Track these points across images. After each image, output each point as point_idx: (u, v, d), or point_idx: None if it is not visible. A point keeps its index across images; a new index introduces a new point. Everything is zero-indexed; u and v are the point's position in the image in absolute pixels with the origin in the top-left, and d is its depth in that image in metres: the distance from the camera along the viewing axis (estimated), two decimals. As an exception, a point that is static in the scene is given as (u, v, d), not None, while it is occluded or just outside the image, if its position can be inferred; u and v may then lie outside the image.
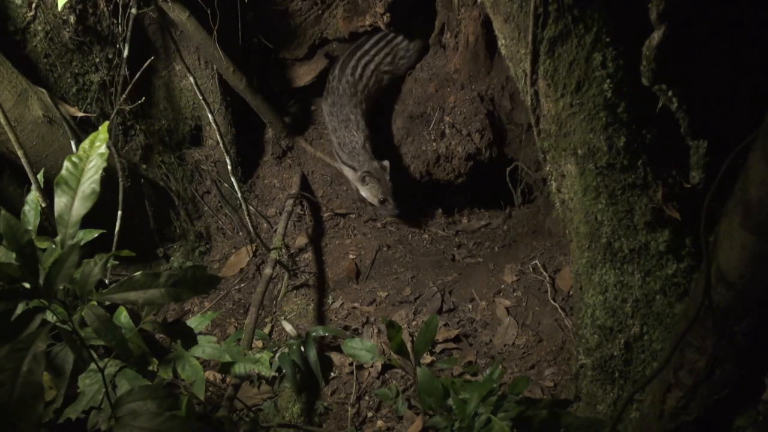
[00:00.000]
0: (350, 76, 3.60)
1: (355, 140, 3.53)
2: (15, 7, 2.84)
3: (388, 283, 3.30)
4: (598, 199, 1.92)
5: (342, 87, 3.60)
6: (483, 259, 3.42)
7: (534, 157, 3.14)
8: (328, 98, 3.65)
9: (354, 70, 3.61)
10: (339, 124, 3.55)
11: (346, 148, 3.53)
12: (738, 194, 1.27)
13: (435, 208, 3.77)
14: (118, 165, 2.90)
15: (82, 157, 1.68)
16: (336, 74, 3.65)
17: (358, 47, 3.68)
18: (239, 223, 3.59)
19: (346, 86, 3.60)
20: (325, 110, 3.68)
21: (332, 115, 3.60)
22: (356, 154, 3.51)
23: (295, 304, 3.22)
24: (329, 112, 3.63)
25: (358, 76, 3.61)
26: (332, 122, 3.60)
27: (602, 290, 2.07)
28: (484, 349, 2.96)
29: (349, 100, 3.58)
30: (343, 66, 3.64)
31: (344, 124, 3.55)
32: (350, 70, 3.61)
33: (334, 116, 3.58)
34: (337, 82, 3.61)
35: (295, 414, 2.71)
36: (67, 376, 1.59)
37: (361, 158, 3.49)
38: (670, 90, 1.69)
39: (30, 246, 1.44)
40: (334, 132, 3.60)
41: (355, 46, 3.70)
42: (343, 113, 3.57)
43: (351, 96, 3.60)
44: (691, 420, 1.66)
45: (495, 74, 3.38)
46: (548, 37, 1.72)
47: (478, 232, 3.63)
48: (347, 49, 3.72)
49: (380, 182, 3.44)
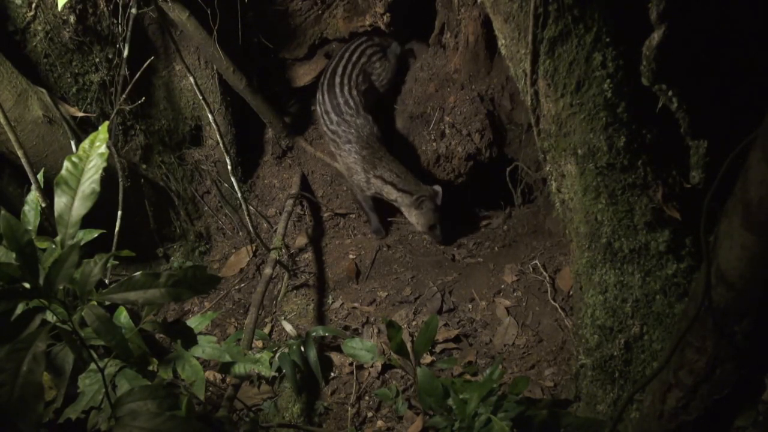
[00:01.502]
0: (363, 112, 3.55)
1: (400, 166, 3.44)
2: (15, 7, 2.84)
3: (388, 283, 3.30)
4: (598, 199, 1.92)
5: (359, 121, 3.51)
6: (483, 259, 3.42)
7: (534, 157, 3.14)
8: (356, 144, 3.48)
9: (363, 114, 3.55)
10: (380, 156, 3.45)
11: (401, 173, 3.41)
12: (738, 194, 1.27)
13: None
14: (118, 165, 2.90)
15: (82, 157, 1.67)
16: (347, 116, 3.52)
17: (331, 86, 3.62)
18: (239, 223, 3.59)
19: (363, 121, 3.52)
20: (354, 157, 3.49)
21: (365, 149, 3.47)
22: (408, 180, 3.40)
23: (295, 304, 3.22)
24: (358, 151, 3.47)
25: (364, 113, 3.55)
26: (369, 159, 3.46)
27: (602, 290, 2.07)
28: (484, 349, 2.96)
29: (371, 130, 3.51)
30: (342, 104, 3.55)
31: (383, 153, 3.46)
32: (361, 115, 3.54)
33: (368, 150, 3.46)
34: (352, 122, 3.50)
35: (295, 414, 2.71)
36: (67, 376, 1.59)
37: (413, 182, 3.40)
38: (670, 90, 1.69)
39: (30, 246, 1.44)
40: (377, 168, 3.44)
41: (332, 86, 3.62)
42: (381, 149, 3.48)
43: (372, 125, 3.52)
44: (691, 420, 1.66)
45: (495, 74, 3.38)
46: (548, 37, 1.72)
47: (478, 232, 3.62)
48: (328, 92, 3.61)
49: (434, 209, 3.37)
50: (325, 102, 3.58)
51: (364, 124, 3.50)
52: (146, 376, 1.83)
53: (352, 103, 3.54)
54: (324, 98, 3.59)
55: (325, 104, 3.58)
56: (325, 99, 3.59)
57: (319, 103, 3.63)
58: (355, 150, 3.47)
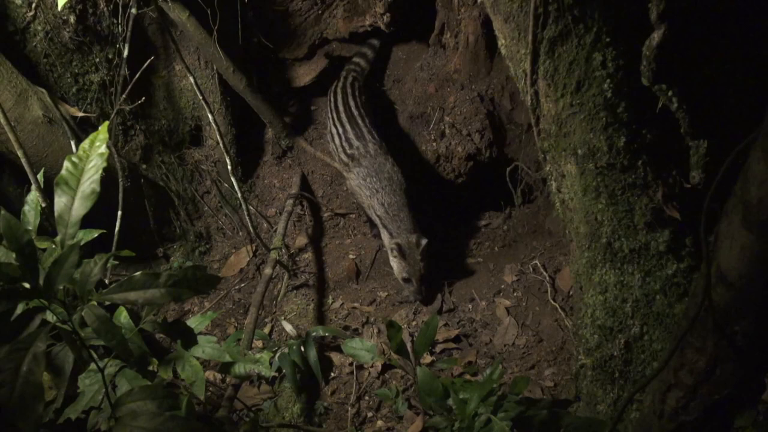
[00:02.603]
0: (372, 137, 3.41)
1: (400, 202, 3.25)
2: (15, 7, 2.84)
3: (388, 283, 3.30)
4: (598, 199, 1.92)
5: (370, 150, 3.37)
6: (483, 259, 3.42)
7: (534, 157, 3.14)
8: (355, 168, 3.36)
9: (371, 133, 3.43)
10: (381, 186, 3.28)
11: (391, 209, 3.24)
12: (738, 194, 1.27)
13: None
14: (118, 165, 2.91)
15: (82, 157, 1.67)
16: (354, 143, 3.41)
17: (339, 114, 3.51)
18: (239, 223, 3.59)
19: (374, 148, 3.38)
20: (356, 181, 3.37)
21: (370, 178, 3.31)
22: (398, 219, 3.21)
23: (295, 304, 3.22)
24: (364, 177, 3.33)
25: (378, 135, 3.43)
26: (371, 186, 3.30)
27: (602, 290, 2.07)
28: (484, 349, 2.96)
29: (385, 159, 3.35)
30: (353, 133, 3.44)
31: (387, 183, 3.28)
32: (367, 135, 3.42)
33: (374, 178, 3.31)
34: (362, 149, 3.38)
35: (295, 414, 2.71)
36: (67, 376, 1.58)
37: (401, 225, 3.20)
38: (670, 90, 1.69)
39: (30, 246, 1.44)
40: (374, 195, 3.29)
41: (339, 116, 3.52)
42: (384, 173, 3.31)
43: (385, 154, 3.37)
44: (691, 420, 1.66)
45: (495, 74, 3.38)
46: (548, 37, 1.72)
47: (478, 232, 3.62)
48: (339, 122, 3.50)
49: (408, 260, 3.10)
50: (346, 131, 3.46)
51: (384, 162, 3.35)
52: (146, 376, 1.83)
53: (374, 134, 3.43)
54: (344, 127, 3.47)
55: (346, 132, 3.46)
56: (346, 128, 3.46)
57: (338, 134, 3.50)
58: (362, 173, 3.35)
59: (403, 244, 3.12)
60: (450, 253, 3.49)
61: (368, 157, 3.35)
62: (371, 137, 3.41)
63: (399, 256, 3.12)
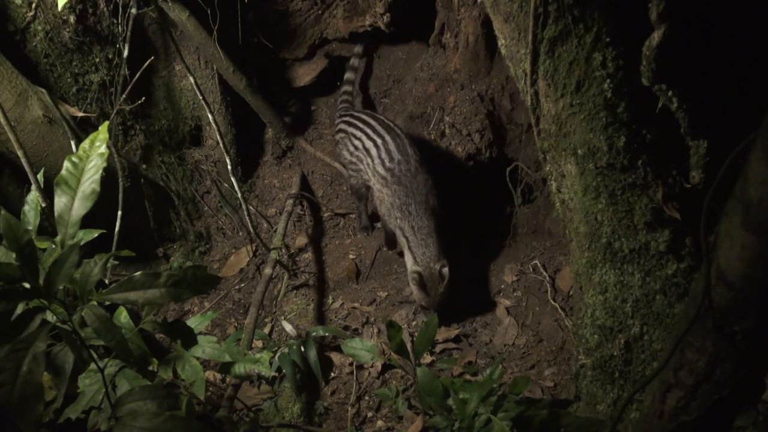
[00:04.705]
0: (414, 152, 3.24)
1: (431, 226, 3.10)
2: (15, 7, 2.84)
3: (388, 282, 3.30)
4: (598, 199, 1.92)
5: (411, 167, 3.19)
6: (483, 259, 3.42)
7: (534, 157, 3.13)
8: (393, 185, 3.17)
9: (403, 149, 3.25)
10: (416, 210, 3.11)
11: (420, 233, 3.07)
12: (738, 194, 1.27)
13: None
14: (118, 165, 2.91)
15: (82, 157, 1.67)
16: (395, 156, 3.22)
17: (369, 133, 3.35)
18: (239, 223, 3.59)
19: (416, 165, 3.21)
20: (390, 199, 3.17)
21: (407, 199, 3.14)
22: (425, 245, 3.05)
23: (295, 304, 3.22)
24: (400, 197, 3.14)
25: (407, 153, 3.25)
26: (405, 209, 3.13)
27: (602, 290, 2.07)
28: (484, 349, 2.96)
29: (425, 179, 3.19)
30: (380, 151, 3.26)
31: (423, 208, 3.12)
32: (409, 149, 3.24)
33: (410, 199, 3.13)
34: (404, 164, 3.19)
35: (295, 414, 2.71)
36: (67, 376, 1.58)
37: (426, 252, 3.03)
38: (670, 90, 1.69)
39: (30, 246, 1.44)
40: (405, 218, 3.11)
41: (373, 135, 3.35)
42: (420, 196, 3.14)
43: (425, 174, 3.20)
44: (691, 420, 1.66)
45: (495, 74, 3.38)
46: (548, 37, 1.72)
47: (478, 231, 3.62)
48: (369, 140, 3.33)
49: (428, 292, 2.99)
50: (386, 142, 3.28)
51: (423, 183, 3.19)
52: (146, 376, 1.82)
53: (415, 149, 3.27)
54: (383, 138, 3.30)
55: (386, 144, 3.28)
56: (385, 139, 3.29)
57: (375, 146, 3.31)
58: (396, 194, 3.18)
59: (425, 274, 2.99)
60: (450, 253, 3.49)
61: (408, 176, 3.16)
62: (413, 151, 3.24)
63: (419, 286, 3.01)
